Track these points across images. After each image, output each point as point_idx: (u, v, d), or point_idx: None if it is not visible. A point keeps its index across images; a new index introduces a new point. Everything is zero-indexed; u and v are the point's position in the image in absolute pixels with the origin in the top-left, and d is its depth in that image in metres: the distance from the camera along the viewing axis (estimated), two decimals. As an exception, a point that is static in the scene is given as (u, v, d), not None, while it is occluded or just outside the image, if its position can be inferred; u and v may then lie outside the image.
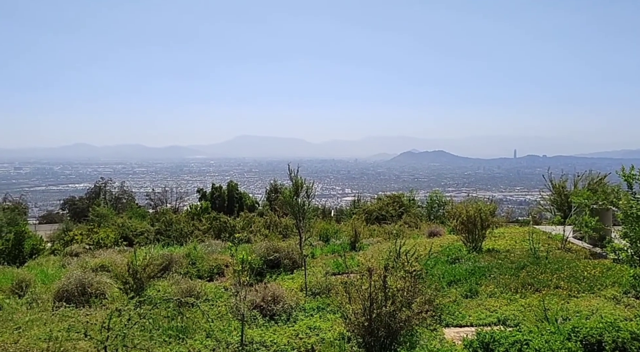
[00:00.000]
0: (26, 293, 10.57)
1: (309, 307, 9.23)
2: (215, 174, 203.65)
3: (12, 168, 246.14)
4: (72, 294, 9.79)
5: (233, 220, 27.09)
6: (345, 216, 31.55)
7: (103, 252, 16.52)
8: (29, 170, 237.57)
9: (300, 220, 15.59)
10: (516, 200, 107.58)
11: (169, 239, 22.08)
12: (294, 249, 13.94)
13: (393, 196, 29.74)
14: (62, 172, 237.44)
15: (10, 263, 17.69)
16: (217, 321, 8.18)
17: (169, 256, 13.14)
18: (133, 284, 10.09)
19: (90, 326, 5.84)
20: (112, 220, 26.55)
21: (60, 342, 5.89)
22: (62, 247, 20.89)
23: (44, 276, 12.54)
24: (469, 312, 8.55)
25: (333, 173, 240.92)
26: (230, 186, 51.26)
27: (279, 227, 24.41)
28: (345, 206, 49.10)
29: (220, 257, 14.28)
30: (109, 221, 26.31)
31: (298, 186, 15.67)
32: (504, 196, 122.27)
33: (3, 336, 7.57)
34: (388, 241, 17.57)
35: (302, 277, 11.25)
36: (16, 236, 19.76)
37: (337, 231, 19.84)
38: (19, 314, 8.99)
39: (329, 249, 16.26)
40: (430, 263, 11.89)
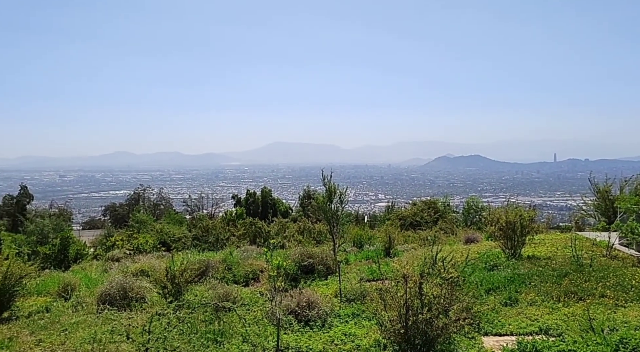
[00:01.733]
0: (71, 296, 10.98)
1: (344, 313, 9.19)
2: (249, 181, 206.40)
3: (57, 176, 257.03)
4: (114, 298, 10.10)
5: (267, 226, 27.35)
6: (379, 222, 31.28)
7: (142, 258, 16.95)
8: (73, 178, 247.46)
9: (334, 226, 15.59)
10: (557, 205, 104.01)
11: (206, 244, 22.47)
12: (327, 255, 13.92)
13: (428, 202, 29.29)
14: (104, 179, 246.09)
15: (56, 267, 18.44)
16: (253, 326, 8.26)
17: (206, 262, 13.36)
18: (171, 289, 10.31)
19: (132, 329, 6.01)
20: (151, 226, 27.25)
21: (103, 345, 6.09)
22: (104, 252, 21.60)
23: (88, 280, 12.98)
24: (509, 321, 8.31)
25: (366, 179, 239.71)
26: (264, 192, 51.83)
27: (312, 233, 24.45)
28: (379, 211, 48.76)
29: (256, 262, 14.40)
30: (148, 227, 27.01)
31: (331, 192, 15.68)
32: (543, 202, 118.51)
33: (51, 337, 7.90)
34: (423, 247, 17.31)
35: (337, 283, 11.22)
36: (62, 241, 20.59)
37: (371, 237, 19.68)
38: (65, 316, 9.36)
39: (363, 255, 16.15)
40: (467, 270, 11.63)
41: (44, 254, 20.45)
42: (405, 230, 23.58)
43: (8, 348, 7.46)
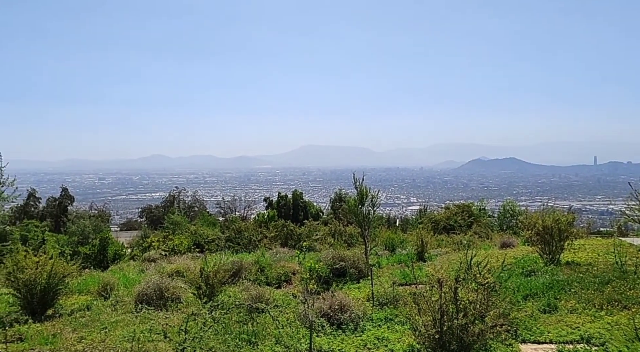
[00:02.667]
0: (110, 295, 11.34)
1: (377, 317, 9.13)
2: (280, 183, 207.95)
3: (97, 178, 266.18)
4: (150, 298, 10.36)
5: (299, 228, 27.48)
6: (411, 226, 30.93)
7: (178, 258, 17.32)
8: (112, 181, 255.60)
9: (366, 229, 15.51)
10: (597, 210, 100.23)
11: (239, 246, 22.77)
12: (359, 258, 13.86)
13: (462, 205, 28.77)
14: (140, 182, 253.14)
15: (96, 267, 19.07)
16: (286, 328, 8.31)
17: (239, 263, 13.54)
18: (205, 290, 10.48)
19: (169, 328, 6.15)
20: (186, 227, 27.82)
21: (142, 343, 6.25)
22: (141, 253, 22.20)
23: (126, 280, 13.36)
24: (548, 328, 8.06)
25: (398, 182, 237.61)
26: (295, 194, 52.17)
27: (343, 235, 24.42)
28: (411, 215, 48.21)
29: (288, 264, 14.49)
30: (183, 229, 27.59)
31: (363, 195, 15.62)
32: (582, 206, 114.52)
33: (92, 335, 8.18)
34: (457, 251, 17.02)
35: (369, 287, 11.16)
36: (101, 242, 21.29)
37: (403, 241, 19.50)
38: (105, 314, 9.67)
39: (395, 259, 16.01)
40: (503, 275, 11.36)
41: (84, 254, 21.20)
42: (438, 234, 23.23)
43: (52, 344, 7.76)
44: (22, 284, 10.13)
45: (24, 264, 10.34)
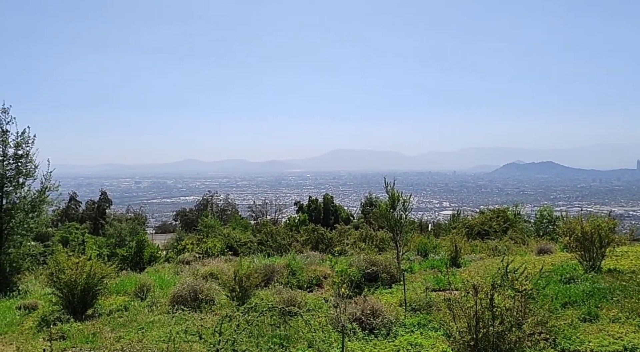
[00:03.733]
0: (147, 297, 11.62)
1: (409, 323, 9.02)
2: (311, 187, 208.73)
3: (133, 182, 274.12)
4: (185, 299, 10.56)
5: (329, 232, 27.50)
6: (444, 231, 30.46)
7: (211, 261, 17.61)
8: (147, 185, 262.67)
9: (397, 234, 15.37)
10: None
11: (270, 249, 22.99)
12: (391, 263, 13.74)
13: (497, 210, 28.12)
14: (175, 185, 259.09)
15: (132, 269, 19.61)
16: (318, 332, 8.31)
17: (271, 266, 13.65)
18: (239, 292, 10.63)
19: (203, 329, 6.26)
20: (219, 230, 28.29)
21: (177, 344, 6.39)
22: (176, 255, 22.70)
23: (161, 282, 13.67)
24: (589, 338, 7.77)
25: (430, 186, 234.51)
26: (325, 198, 52.25)
27: (374, 240, 24.28)
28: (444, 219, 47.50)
29: (319, 268, 14.50)
30: (216, 232, 28.06)
31: (394, 199, 15.49)
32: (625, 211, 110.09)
33: (130, 335, 8.43)
34: (492, 257, 16.65)
35: (401, 292, 11.04)
36: (137, 244, 21.90)
37: (436, 246, 19.21)
38: (142, 315, 9.93)
39: (428, 264, 15.79)
40: (541, 282, 11.02)
41: (121, 255, 21.86)
42: (473, 239, 22.78)
43: (92, 343, 8.04)
44: (64, 284, 10.51)
45: (64, 265, 10.72)
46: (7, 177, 15.07)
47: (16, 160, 15.32)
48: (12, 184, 15.23)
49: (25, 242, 15.54)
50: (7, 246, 14.97)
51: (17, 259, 15.02)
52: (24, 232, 15.43)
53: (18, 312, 11.14)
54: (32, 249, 15.85)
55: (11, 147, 15.26)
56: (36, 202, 15.60)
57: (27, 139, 15.49)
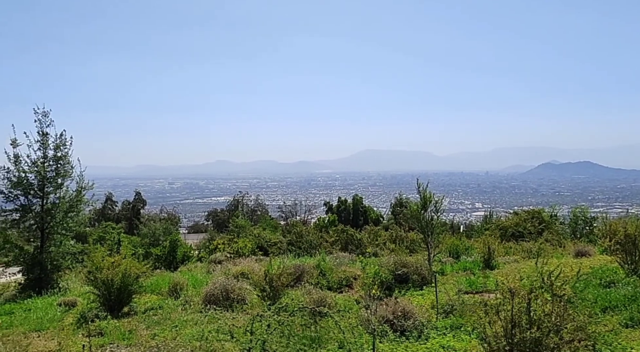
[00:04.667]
0: (180, 295, 11.85)
1: (441, 325, 8.88)
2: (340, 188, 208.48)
3: (166, 183, 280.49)
4: (217, 298, 10.71)
5: (359, 233, 27.39)
6: (476, 232, 29.90)
7: (242, 261, 17.80)
8: (180, 185, 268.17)
9: (429, 235, 15.17)
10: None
11: (300, 249, 23.07)
12: (422, 265, 13.57)
13: (532, 211, 27.38)
14: (206, 186, 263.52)
15: (166, 268, 20.04)
16: (349, 333, 8.27)
17: (301, 267, 13.68)
18: (269, 292, 10.69)
19: (235, 328, 6.33)
20: (249, 231, 28.58)
21: (210, 342, 6.48)
22: (208, 255, 23.08)
23: (194, 281, 13.91)
24: (631, 344, 7.45)
25: (461, 186, 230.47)
26: (355, 199, 52.10)
27: (405, 241, 24.04)
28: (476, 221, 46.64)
29: (348, 269, 14.46)
30: (247, 232, 28.35)
31: (426, 200, 15.30)
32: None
33: (164, 332, 8.61)
34: (527, 259, 16.23)
35: (433, 294, 10.88)
36: (171, 244, 22.36)
37: (468, 248, 18.86)
38: (175, 313, 10.13)
39: (460, 266, 15.51)
40: (579, 286, 10.65)
41: (155, 255, 22.37)
42: (506, 241, 22.25)
43: (128, 340, 8.25)
44: (101, 283, 10.82)
45: (101, 265, 11.04)
46: (47, 179, 15.64)
47: (55, 162, 15.88)
48: (52, 185, 15.79)
49: (64, 241, 16.10)
50: (48, 245, 15.55)
51: (58, 258, 15.57)
52: (64, 232, 15.98)
53: (59, 309, 11.55)
54: (72, 248, 16.39)
55: (51, 149, 15.82)
56: (74, 202, 16.13)
57: (64, 141, 16.04)
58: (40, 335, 9.24)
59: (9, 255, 15.51)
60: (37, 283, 15.05)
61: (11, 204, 15.61)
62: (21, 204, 15.61)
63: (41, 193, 15.58)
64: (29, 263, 15.20)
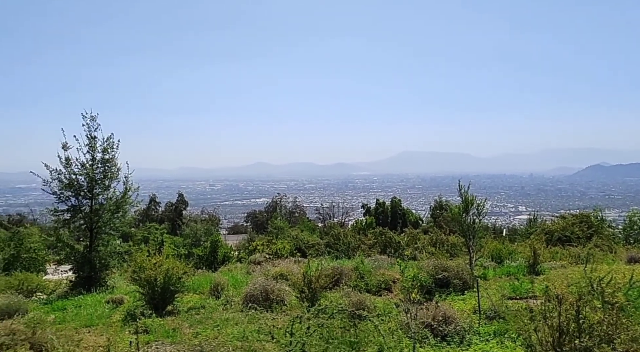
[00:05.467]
0: (221, 295, 12.06)
1: (484, 331, 8.65)
2: (378, 190, 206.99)
3: (207, 185, 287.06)
4: (257, 299, 10.84)
5: (397, 236, 27.08)
6: (520, 236, 28.98)
7: (281, 262, 17.97)
8: (220, 187, 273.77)
9: (470, 239, 14.83)
10: None
11: (337, 252, 23.03)
12: (463, 269, 13.26)
13: (580, 215, 26.27)
14: (245, 188, 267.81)
15: (207, 268, 20.46)
16: (388, 337, 8.18)
17: (339, 269, 13.65)
18: (308, 293, 10.73)
19: (275, 329, 6.38)
20: (288, 232, 28.83)
21: (251, 342, 6.57)
22: (247, 255, 23.41)
23: (234, 281, 14.13)
24: (691, 358, 7.00)
25: (504, 189, 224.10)
26: (393, 202, 51.56)
27: (445, 245, 23.56)
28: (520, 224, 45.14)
29: (387, 272, 14.31)
30: (285, 233, 28.61)
31: (468, 203, 14.97)
32: None
33: (206, 331, 8.79)
34: (574, 265, 15.58)
35: (474, 299, 10.62)
36: (212, 244, 22.84)
37: (512, 252, 18.29)
38: (217, 313, 10.32)
39: (503, 271, 15.07)
40: (632, 294, 10.11)
41: (197, 255, 22.90)
42: (552, 246, 21.45)
43: (172, 338, 8.47)
44: (145, 282, 11.15)
45: (144, 264, 11.39)
46: (95, 180, 16.29)
47: (103, 164, 16.51)
48: (100, 186, 16.44)
49: (111, 240, 16.71)
50: (97, 244, 16.19)
51: (105, 257, 16.17)
52: (111, 232, 16.60)
53: (107, 306, 12.00)
54: (118, 248, 16.98)
55: (98, 152, 16.47)
56: (120, 203, 16.72)
57: (112, 144, 16.66)
58: (90, 331, 9.63)
59: (61, 253, 16.25)
60: (87, 281, 15.70)
61: (63, 205, 16.32)
62: (72, 205, 16.30)
63: (90, 194, 16.25)
64: (79, 261, 15.86)
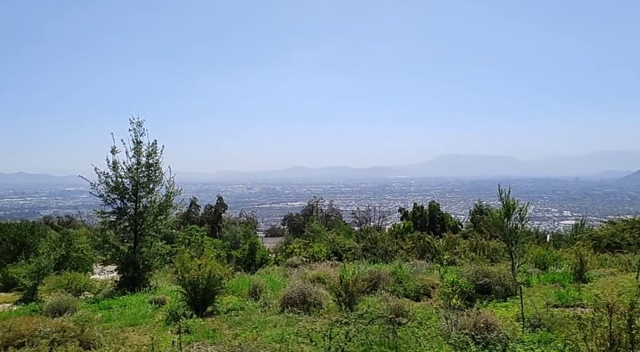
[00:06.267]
0: (259, 297, 12.22)
1: (528, 339, 8.36)
2: (416, 194, 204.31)
3: (245, 188, 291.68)
4: (295, 302, 10.90)
5: (436, 240, 26.64)
6: (565, 242, 27.90)
7: (317, 265, 18.00)
8: (258, 190, 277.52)
9: (512, 244, 14.43)
10: None
11: (374, 256, 22.88)
12: (505, 275, 12.90)
13: (631, 221, 25.05)
14: (283, 191, 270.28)
15: (245, 270, 20.77)
16: (428, 344, 8.06)
17: (376, 273, 13.56)
18: (345, 297, 10.71)
19: (314, 333, 6.40)
20: (324, 236, 28.86)
21: (289, 345, 6.61)
22: (284, 258, 23.62)
23: (272, 283, 14.28)
24: None
25: (548, 193, 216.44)
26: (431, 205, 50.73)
27: (486, 250, 23.00)
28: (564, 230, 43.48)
29: (426, 277, 14.10)
30: (321, 237, 28.66)
31: (509, 207, 14.58)
32: None
33: (245, 333, 8.92)
34: (625, 273, 14.88)
35: (518, 306, 10.29)
36: (250, 247, 23.18)
37: (557, 258, 17.65)
38: (255, 315, 10.46)
39: (548, 278, 14.55)
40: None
41: (236, 257, 23.29)
42: (601, 252, 20.55)
43: (212, 338, 8.64)
44: (188, 283, 11.44)
45: (188, 265, 11.68)
46: (140, 184, 16.87)
47: (147, 168, 17.09)
48: (144, 189, 17.02)
49: (155, 242, 17.24)
50: (141, 246, 16.74)
51: (149, 258, 16.71)
52: (154, 234, 17.14)
53: (150, 306, 12.38)
54: (161, 249, 17.49)
55: (143, 157, 17.05)
56: (163, 206, 17.25)
57: (156, 149, 17.22)
58: (134, 330, 9.95)
59: (107, 254, 16.90)
60: (131, 281, 16.26)
61: (109, 207, 16.99)
62: (118, 207, 16.95)
63: (135, 197, 16.84)
64: (124, 262, 16.45)
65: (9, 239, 26.11)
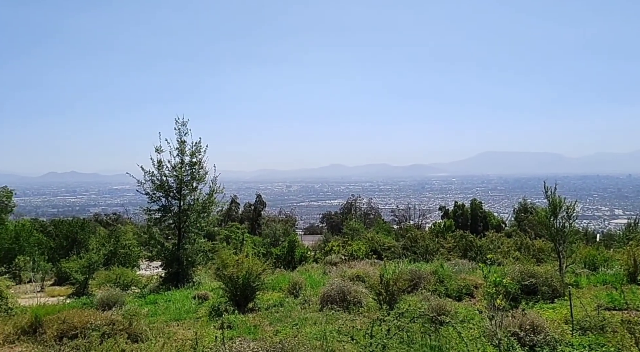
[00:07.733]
0: (299, 294, 12.30)
1: (578, 343, 8.03)
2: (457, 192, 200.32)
3: (284, 186, 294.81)
4: (334, 299, 10.91)
5: (479, 239, 26.04)
6: (616, 241, 26.64)
7: (356, 263, 17.95)
8: (296, 188, 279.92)
9: (560, 244, 13.93)
10: None
11: (415, 255, 22.61)
12: (553, 276, 12.43)
13: (689, 219, 23.66)
14: (321, 189, 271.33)
15: (285, 267, 20.97)
16: (471, 344, 7.88)
17: (417, 272, 13.37)
18: (385, 296, 10.62)
19: (355, 330, 6.39)
20: (363, 234, 28.77)
21: (330, 342, 6.63)
22: (323, 256, 23.70)
23: (311, 281, 14.32)
24: None
25: (597, 191, 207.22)
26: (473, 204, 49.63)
27: (531, 249, 22.33)
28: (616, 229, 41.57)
29: (469, 277, 13.80)
30: (360, 235, 28.59)
31: (556, 206, 14.08)
32: None
33: (285, 329, 9.01)
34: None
35: (566, 308, 9.91)
36: (289, 244, 23.39)
37: (608, 259, 16.86)
38: (295, 312, 10.54)
39: (598, 279, 13.92)
40: None
41: (275, 254, 23.56)
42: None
43: (254, 334, 8.77)
44: (228, 279, 11.65)
45: (227, 262, 11.89)
46: (184, 182, 17.34)
47: (191, 167, 17.54)
48: (188, 188, 17.47)
49: (198, 239, 17.68)
50: (184, 242, 17.21)
51: (192, 254, 17.15)
52: (197, 231, 17.57)
53: (193, 301, 12.70)
54: (203, 246, 17.93)
55: (187, 156, 17.51)
56: (206, 203, 17.65)
57: (199, 148, 17.65)
58: (179, 324, 10.24)
59: (152, 250, 17.47)
60: (175, 277, 16.75)
61: (154, 205, 17.55)
62: (162, 205, 17.48)
63: (179, 195, 17.32)
64: (169, 258, 16.95)
65: (62, 235, 27.49)
